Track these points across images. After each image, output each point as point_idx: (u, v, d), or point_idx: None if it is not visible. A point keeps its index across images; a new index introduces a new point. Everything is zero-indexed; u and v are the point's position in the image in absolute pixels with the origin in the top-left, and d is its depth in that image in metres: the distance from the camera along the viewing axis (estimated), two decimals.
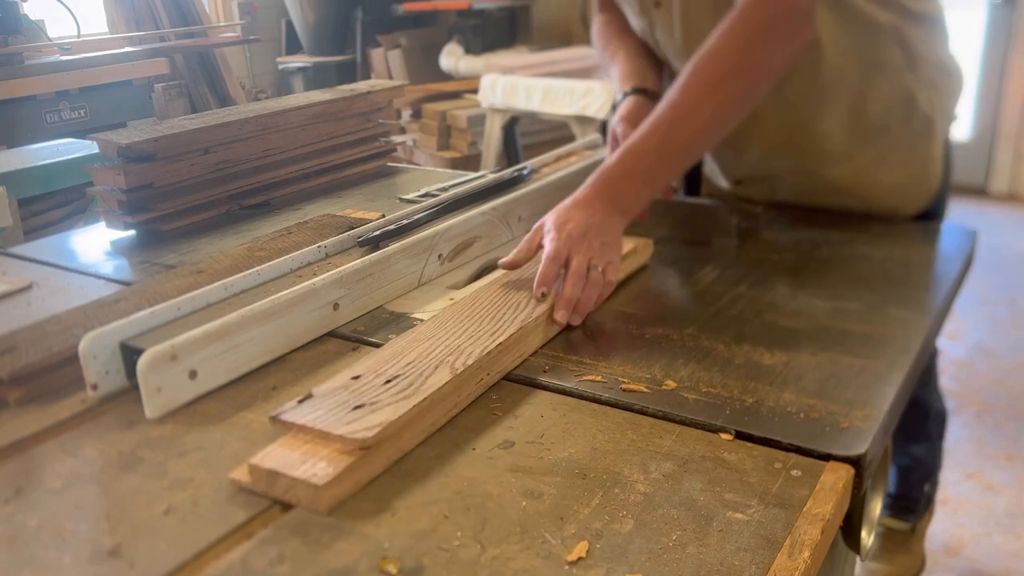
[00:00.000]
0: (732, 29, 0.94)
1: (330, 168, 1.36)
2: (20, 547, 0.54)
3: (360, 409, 0.61)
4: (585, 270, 0.85)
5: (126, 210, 1.11)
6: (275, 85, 4.79)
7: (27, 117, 2.74)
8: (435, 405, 0.64)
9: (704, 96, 0.93)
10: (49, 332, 0.77)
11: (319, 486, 0.55)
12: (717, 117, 0.94)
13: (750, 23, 0.93)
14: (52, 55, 3.06)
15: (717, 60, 0.94)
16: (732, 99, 0.94)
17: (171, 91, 3.14)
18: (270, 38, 4.76)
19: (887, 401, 0.67)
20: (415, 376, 0.66)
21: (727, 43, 0.94)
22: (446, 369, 0.67)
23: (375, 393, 0.63)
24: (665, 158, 0.93)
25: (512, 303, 0.80)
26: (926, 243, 1.01)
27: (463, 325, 0.76)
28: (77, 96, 2.84)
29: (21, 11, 2.95)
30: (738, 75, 0.94)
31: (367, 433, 0.57)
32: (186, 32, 3.59)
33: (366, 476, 0.58)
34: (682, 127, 0.93)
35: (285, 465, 0.57)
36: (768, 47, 0.94)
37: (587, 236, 0.87)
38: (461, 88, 3.96)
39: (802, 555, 0.50)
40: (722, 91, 0.93)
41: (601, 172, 0.92)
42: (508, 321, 0.76)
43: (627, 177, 0.92)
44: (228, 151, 1.20)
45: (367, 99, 1.40)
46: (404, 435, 0.61)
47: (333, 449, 0.58)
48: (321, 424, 0.59)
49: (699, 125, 0.93)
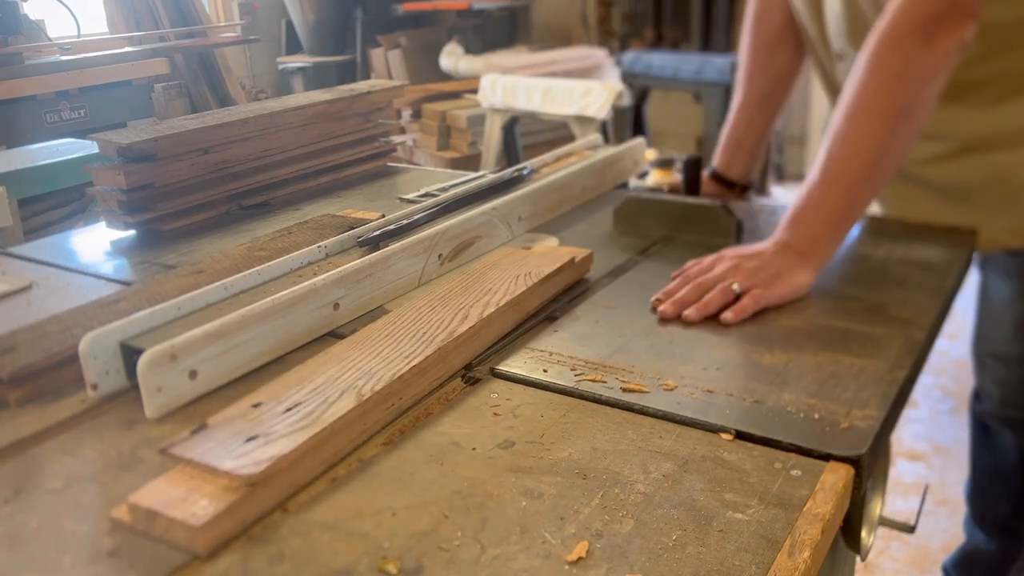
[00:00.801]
0: (886, 37, 0.88)
1: (330, 168, 1.36)
2: (20, 547, 0.54)
3: (253, 441, 0.57)
4: (713, 284, 0.84)
5: (126, 210, 1.11)
6: (275, 85, 4.79)
7: (27, 117, 2.74)
8: (336, 435, 0.60)
9: (869, 120, 0.88)
10: (49, 332, 0.77)
11: (196, 527, 0.51)
12: (890, 137, 0.88)
13: (904, 25, 0.88)
14: (52, 55, 3.07)
15: (874, 78, 0.88)
16: (899, 114, 0.88)
17: (171, 91, 3.14)
18: (270, 38, 4.76)
19: (887, 401, 0.67)
20: (318, 403, 0.62)
21: (881, 52, 0.88)
22: (352, 395, 0.63)
23: (273, 423, 0.60)
24: (848, 197, 0.89)
25: (436, 320, 0.76)
26: (926, 243, 1.01)
27: (381, 345, 0.72)
28: (77, 96, 2.84)
29: (21, 11, 2.95)
30: (901, 85, 0.88)
31: (254, 469, 0.54)
32: (186, 32, 3.60)
33: (253, 514, 0.55)
34: (853, 161, 0.88)
35: (164, 504, 0.53)
36: (926, 47, 0.87)
37: (749, 265, 0.87)
38: (461, 88, 3.96)
39: (802, 555, 0.50)
40: (887, 109, 0.88)
41: (782, 231, 0.90)
42: (428, 341, 0.72)
43: (810, 223, 0.89)
44: (228, 151, 1.20)
45: (367, 99, 1.40)
46: (299, 468, 0.58)
47: (218, 485, 0.54)
48: (208, 458, 0.55)
49: (871, 152, 0.88)
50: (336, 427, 0.60)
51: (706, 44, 4.36)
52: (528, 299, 0.84)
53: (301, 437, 0.57)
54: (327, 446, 0.60)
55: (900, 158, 0.90)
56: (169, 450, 0.57)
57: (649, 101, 4.05)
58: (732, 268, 0.87)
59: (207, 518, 0.52)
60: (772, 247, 0.89)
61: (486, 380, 0.73)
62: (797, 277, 0.86)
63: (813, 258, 0.88)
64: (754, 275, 0.86)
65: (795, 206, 0.91)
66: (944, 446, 2.15)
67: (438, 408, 0.69)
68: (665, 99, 4.44)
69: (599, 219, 1.14)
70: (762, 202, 1.28)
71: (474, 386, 0.72)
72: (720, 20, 4.32)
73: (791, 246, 0.88)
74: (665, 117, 4.44)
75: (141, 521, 0.54)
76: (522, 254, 0.93)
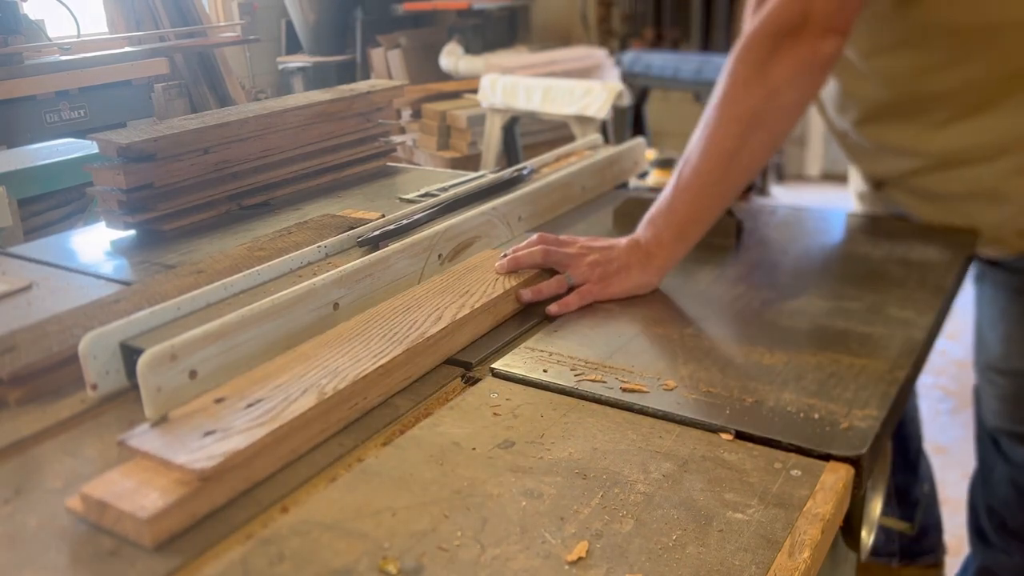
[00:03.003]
0: (741, 44, 0.89)
1: (330, 168, 1.36)
2: (20, 547, 0.54)
3: (211, 436, 0.58)
4: (555, 260, 0.88)
5: (126, 210, 1.11)
6: (275, 85, 4.79)
7: (27, 117, 2.74)
8: (295, 432, 0.61)
9: (719, 126, 0.88)
10: (49, 332, 0.77)
11: (143, 520, 0.52)
12: (739, 145, 0.88)
13: (759, 34, 0.88)
14: (52, 55, 3.06)
15: (726, 84, 0.89)
16: (748, 122, 0.88)
17: (171, 91, 3.14)
18: (270, 38, 4.76)
19: (887, 401, 0.67)
20: (279, 400, 0.62)
21: (735, 58, 0.89)
22: (314, 394, 0.63)
23: (232, 418, 0.60)
24: (694, 203, 0.90)
25: (409, 321, 0.76)
26: (926, 243, 1.01)
27: (352, 344, 0.72)
28: (77, 96, 2.84)
29: (21, 11, 2.95)
30: (747, 93, 0.88)
31: (207, 463, 0.54)
32: (186, 32, 3.59)
33: (204, 507, 0.55)
34: (702, 167, 0.89)
35: (115, 495, 0.54)
36: (774, 58, 0.87)
37: (591, 258, 0.89)
38: (461, 88, 3.96)
39: (802, 555, 0.50)
40: (735, 117, 0.88)
41: (639, 229, 0.92)
42: (398, 342, 0.72)
43: (658, 226, 0.90)
44: (228, 151, 1.20)
45: (367, 99, 1.40)
46: (255, 464, 0.58)
47: (171, 479, 0.55)
48: (163, 452, 0.56)
49: (720, 159, 0.89)
50: (295, 424, 0.61)
51: (706, 44, 4.36)
52: (505, 303, 0.85)
53: (258, 433, 0.58)
54: (284, 443, 0.60)
55: (753, 166, 0.90)
56: (127, 442, 0.58)
57: (649, 101, 4.05)
58: (575, 255, 0.90)
59: (155, 511, 0.52)
60: (626, 243, 0.91)
61: (486, 380, 0.73)
62: (638, 276, 0.89)
63: (658, 260, 0.90)
64: (591, 270, 0.88)
65: (652, 207, 0.92)
66: (944, 446, 2.15)
67: (438, 408, 0.69)
68: (665, 99, 4.44)
69: (599, 219, 1.14)
70: (762, 202, 1.28)
71: (474, 386, 0.72)
72: (720, 20, 4.32)
73: (641, 246, 0.90)
74: (665, 117, 4.44)
75: (93, 512, 0.55)
76: None
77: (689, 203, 0.90)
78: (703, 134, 0.90)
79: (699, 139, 0.90)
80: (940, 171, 1.06)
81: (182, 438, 0.58)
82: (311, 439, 0.63)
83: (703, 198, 0.90)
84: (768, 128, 0.89)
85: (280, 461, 0.61)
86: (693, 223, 0.91)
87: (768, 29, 0.88)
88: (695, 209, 0.90)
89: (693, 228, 0.91)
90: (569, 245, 0.91)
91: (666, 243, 0.90)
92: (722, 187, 0.90)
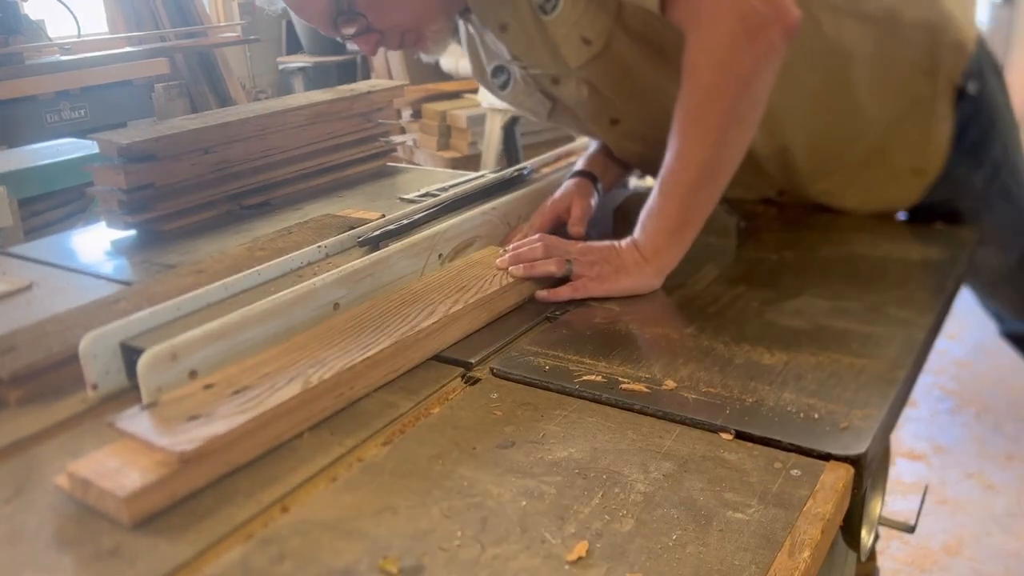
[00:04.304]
0: (694, 57, 0.88)
1: (330, 168, 1.36)
2: (20, 547, 0.54)
3: (195, 420, 0.60)
4: (557, 253, 0.89)
5: (126, 210, 1.11)
6: (275, 85, 4.79)
7: (27, 117, 2.74)
8: (277, 419, 0.62)
9: (696, 132, 0.88)
10: (49, 332, 0.77)
11: (121, 498, 0.54)
12: (719, 147, 0.89)
13: (712, 41, 0.86)
14: (52, 55, 3.06)
15: (695, 96, 0.88)
16: (724, 124, 0.88)
17: (171, 91, 3.14)
18: (270, 38, 4.76)
19: (887, 401, 0.67)
20: (265, 388, 0.64)
21: (694, 75, 0.88)
22: (299, 383, 0.65)
23: (218, 404, 0.62)
24: (683, 207, 0.91)
25: (402, 315, 0.77)
26: (926, 243, 1.01)
27: (343, 335, 0.73)
28: (77, 96, 2.84)
29: (21, 11, 2.95)
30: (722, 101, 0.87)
31: (187, 446, 0.56)
32: (186, 32, 3.59)
33: (184, 489, 0.57)
34: (683, 175, 0.90)
35: (98, 474, 0.56)
36: (741, 58, 0.86)
37: (590, 257, 0.90)
38: (461, 88, 3.96)
39: (802, 555, 0.50)
40: (710, 121, 0.88)
41: (636, 231, 0.92)
42: (388, 334, 0.73)
43: (650, 232, 0.91)
44: (228, 151, 1.20)
45: (367, 99, 1.40)
46: (236, 448, 0.60)
47: (153, 460, 0.57)
48: (148, 434, 0.58)
49: (701, 163, 0.89)
50: (278, 412, 0.62)
51: None
52: (501, 299, 0.85)
53: (240, 419, 0.60)
54: (266, 430, 0.62)
55: (734, 161, 0.91)
56: (115, 423, 0.60)
57: None
58: (575, 251, 0.91)
59: (133, 490, 0.54)
60: (626, 243, 0.92)
61: (486, 380, 0.73)
62: (636, 278, 0.90)
63: (655, 263, 0.90)
64: (589, 267, 0.90)
65: (642, 212, 0.93)
66: (944, 446, 2.15)
67: (438, 408, 0.69)
68: None
69: (599, 219, 1.14)
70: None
71: (474, 386, 0.72)
72: None
73: (639, 248, 0.91)
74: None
75: (78, 489, 0.57)
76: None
77: (677, 210, 0.91)
78: (679, 144, 0.89)
79: (676, 147, 0.90)
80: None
81: (168, 421, 0.60)
82: (295, 426, 0.65)
83: (690, 205, 0.91)
84: (746, 120, 0.90)
85: (262, 447, 0.62)
86: (684, 227, 0.91)
87: (725, 28, 0.86)
88: (684, 215, 0.91)
89: (685, 231, 0.92)
90: (570, 244, 0.93)
91: (662, 248, 0.91)
92: (708, 189, 0.91)
